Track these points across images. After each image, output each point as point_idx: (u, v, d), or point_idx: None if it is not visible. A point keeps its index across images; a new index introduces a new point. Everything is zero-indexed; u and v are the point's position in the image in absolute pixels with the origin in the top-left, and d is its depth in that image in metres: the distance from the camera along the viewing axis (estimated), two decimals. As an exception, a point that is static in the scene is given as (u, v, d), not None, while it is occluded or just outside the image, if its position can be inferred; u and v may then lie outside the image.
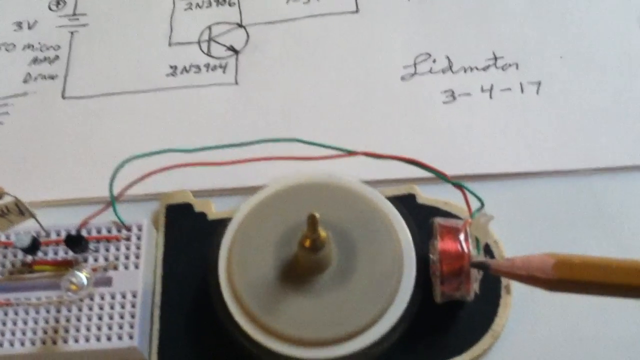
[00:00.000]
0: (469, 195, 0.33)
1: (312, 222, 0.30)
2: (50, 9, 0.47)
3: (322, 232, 0.31)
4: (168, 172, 0.35)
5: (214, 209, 0.38)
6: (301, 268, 0.32)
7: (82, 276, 0.31)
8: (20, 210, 0.34)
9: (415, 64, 0.43)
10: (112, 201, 0.35)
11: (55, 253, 0.35)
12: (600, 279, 0.26)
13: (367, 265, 0.32)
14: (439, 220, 0.33)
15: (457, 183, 0.33)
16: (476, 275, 0.32)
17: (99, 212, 0.36)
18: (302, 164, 0.35)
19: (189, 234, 0.37)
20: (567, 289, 0.27)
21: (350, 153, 0.35)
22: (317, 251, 0.31)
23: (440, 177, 0.34)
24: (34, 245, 0.34)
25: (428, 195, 0.38)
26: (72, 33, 0.46)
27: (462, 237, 0.32)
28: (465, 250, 0.31)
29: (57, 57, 0.45)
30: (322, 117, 0.42)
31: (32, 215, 0.34)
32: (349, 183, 0.35)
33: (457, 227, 0.32)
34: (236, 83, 0.43)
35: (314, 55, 0.44)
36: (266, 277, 0.32)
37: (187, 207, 0.38)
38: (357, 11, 0.46)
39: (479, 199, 0.33)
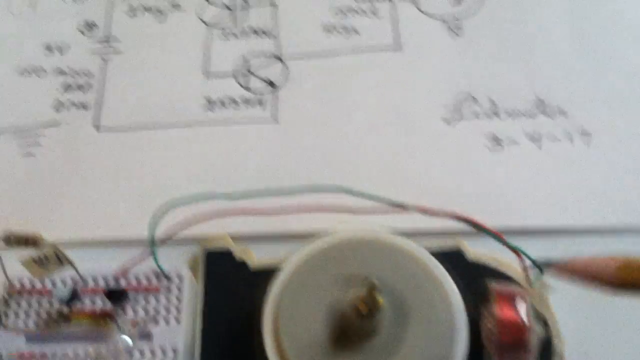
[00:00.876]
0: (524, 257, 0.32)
1: (371, 289, 0.29)
2: (81, 32, 0.46)
3: (379, 298, 0.30)
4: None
5: (255, 257, 0.37)
6: (352, 331, 0.31)
7: (128, 340, 0.29)
8: (59, 259, 0.32)
9: (459, 106, 0.42)
10: (152, 250, 0.34)
11: (93, 302, 0.34)
12: None
13: (419, 330, 0.31)
14: (494, 286, 0.32)
15: (515, 248, 0.32)
16: (534, 343, 0.31)
17: (138, 260, 0.34)
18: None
19: (230, 284, 0.36)
20: (631, 290, 0.27)
21: (402, 207, 0.34)
22: (373, 317, 0.30)
23: (497, 239, 0.33)
24: (74, 297, 0.32)
25: (475, 247, 0.37)
26: (104, 59, 0.45)
27: (521, 306, 0.30)
28: (526, 322, 0.30)
29: (89, 84, 0.44)
30: (363, 160, 0.41)
31: (72, 264, 0.33)
32: (399, 241, 0.34)
33: (514, 294, 0.31)
34: (275, 121, 0.42)
35: (354, 92, 0.43)
36: (315, 339, 0.31)
37: (227, 255, 0.36)
38: (398, 48, 0.44)
39: (539, 268, 0.32)
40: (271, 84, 0.44)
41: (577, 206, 0.39)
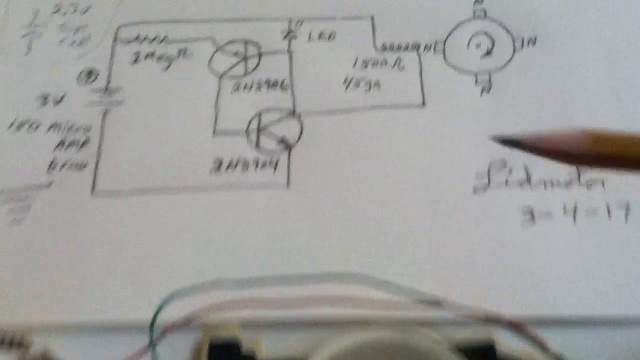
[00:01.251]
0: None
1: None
2: (80, 81, 0.42)
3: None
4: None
5: (264, 348, 0.33)
6: None
7: None
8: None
9: (489, 173, 0.39)
10: (152, 347, 0.30)
11: (85, 405, 0.30)
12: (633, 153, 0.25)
13: None
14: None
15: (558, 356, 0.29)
16: None
17: (136, 357, 0.31)
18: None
19: (237, 383, 0.32)
20: (601, 164, 0.26)
21: (429, 303, 0.30)
22: None
23: (540, 348, 0.29)
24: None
25: (507, 340, 0.33)
26: (104, 112, 0.41)
27: None
28: None
29: (87, 140, 0.40)
30: (384, 237, 0.37)
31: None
32: (430, 347, 0.30)
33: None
34: (288, 186, 0.39)
35: (375, 154, 0.39)
36: None
37: (233, 347, 0.33)
38: (423, 105, 0.41)
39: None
40: (285, 142, 0.40)
41: (616, 292, 0.35)
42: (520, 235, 0.37)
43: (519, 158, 0.39)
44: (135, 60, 0.43)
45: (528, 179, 0.38)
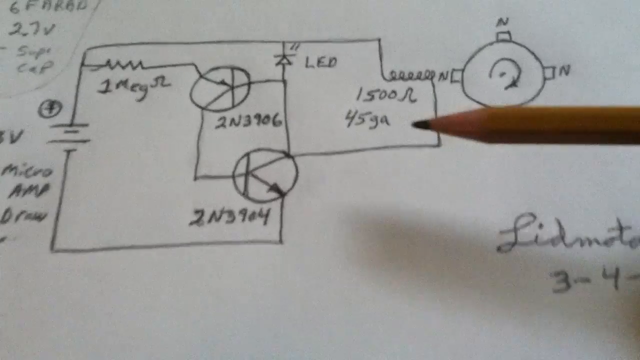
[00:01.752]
0: None
1: None
2: (41, 114, 0.36)
3: None
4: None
5: None
6: None
7: None
8: None
9: (515, 228, 0.33)
10: None
11: None
12: (531, 127, 0.28)
13: None
14: None
15: None
16: None
17: None
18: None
19: None
20: (502, 139, 0.29)
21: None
22: None
23: None
24: None
25: None
26: (68, 152, 0.35)
27: None
28: None
29: (47, 186, 0.34)
30: (395, 300, 0.31)
31: None
32: None
33: None
34: (280, 241, 0.33)
35: (382, 203, 0.34)
36: None
37: None
38: (438, 145, 0.35)
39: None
40: (277, 189, 0.34)
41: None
42: (552, 303, 0.31)
43: (551, 210, 0.33)
44: (106, 90, 0.37)
45: (562, 235, 0.33)
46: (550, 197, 0.34)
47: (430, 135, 0.35)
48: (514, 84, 0.36)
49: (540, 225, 0.33)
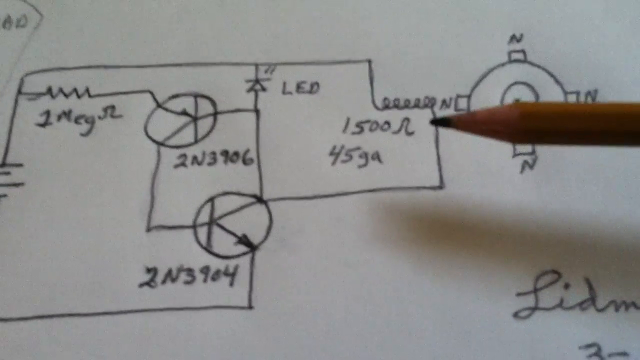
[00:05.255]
0: None
1: None
2: (-34, 152, 0.31)
3: None
4: None
5: None
6: None
7: None
8: None
9: (536, 289, 0.27)
10: None
11: None
12: (569, 127, 0.25)
13: None
14: None
15: None
16: None
17: None
18: None
19: None
20: (534, 140, 0.27)
21: None
22: None
23: None
24: None
25: None
26: (-3, 198, 0.30)
27: None
28: None
29: (-31, 240, 0.29)
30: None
31: None
32: None
33: None
34: (250, 306, 0.27)
35: (373, 259, 0.28)
36: None
37: None
38: (441, 186, 0.30)
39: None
40: (246, 242, 0.29)
41: None
42: (583, 385, 0.26)
43: (579, 269, 0.28)
44: (45, 123, 0.31)
45: (592, 298, 0.27)
46: (577, 251, 0.28)
47: (431, 176, 0.30)
48: (528, 112, 0.31)
49: (566, 286, 0.28)
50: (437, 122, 0.27)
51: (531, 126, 0.25)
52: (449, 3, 0.33)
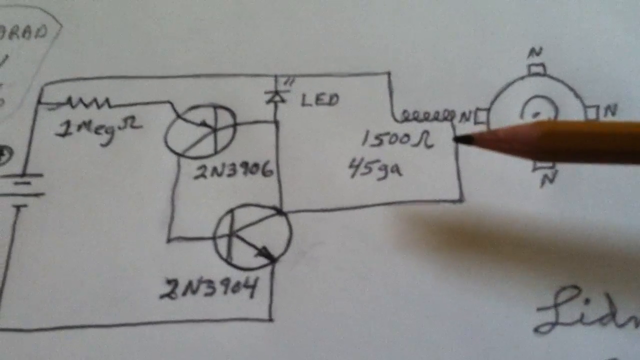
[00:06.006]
0: None
1: None
2: (-14, 161, 0.31)
3: None
4: None
5: None
6: None
7: None
8: None
9: (556, 305, 0.27)
10: None
11: None
12: (590, 147, 0.25)
13: None
14: None
15: None
16: None
17: None
18: None
19: None
20: (556, 159, 0.27)
21: None
22: None
23: None
24: None
25: None
26: (17, 208, 0.30)
27: None
28: None
29: (-11, 250, 0.29)
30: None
31: None
32: None
33: None
34: (270, 319, 0.27)
35: (393, 271, 0.28)
36: None
37: None
38: (460, 200, 0.29)
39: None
40: (266, 254, 0.28)
41: None
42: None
43: (599, 284, 0.28)
44: (65, 133, 0.31)
45: (612, 314, 0.27)
46: (598, 265, 0.28)
47: (450, 189, 0.30)
48: (548, 126, 0.30)
49: (587, 301, 0.27)
50: (460, 139, 0.27)
51: (553, 146, 0.25)
52: (469, 16, 0.33)
